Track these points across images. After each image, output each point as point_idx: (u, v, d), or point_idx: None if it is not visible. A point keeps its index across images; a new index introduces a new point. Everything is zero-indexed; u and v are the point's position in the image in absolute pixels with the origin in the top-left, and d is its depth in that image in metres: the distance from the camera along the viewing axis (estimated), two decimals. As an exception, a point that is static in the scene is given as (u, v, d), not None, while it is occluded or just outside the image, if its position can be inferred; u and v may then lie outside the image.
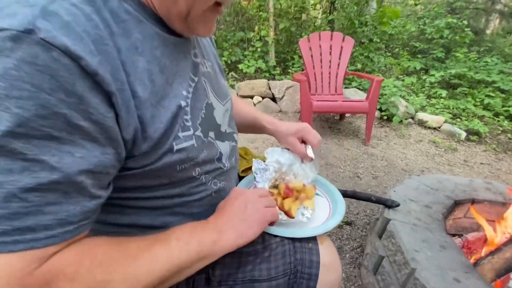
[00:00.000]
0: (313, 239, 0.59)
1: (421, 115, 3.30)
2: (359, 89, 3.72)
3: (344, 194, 0.71)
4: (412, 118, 3.39)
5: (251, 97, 3.52)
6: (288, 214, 0.60)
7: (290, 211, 0.60)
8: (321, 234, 0.59)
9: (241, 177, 0.75)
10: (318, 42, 2.97)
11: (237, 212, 0.50)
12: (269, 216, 0.53)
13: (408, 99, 3.70)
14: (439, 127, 3.17)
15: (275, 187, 0.69)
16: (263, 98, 3.53)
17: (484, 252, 1.09)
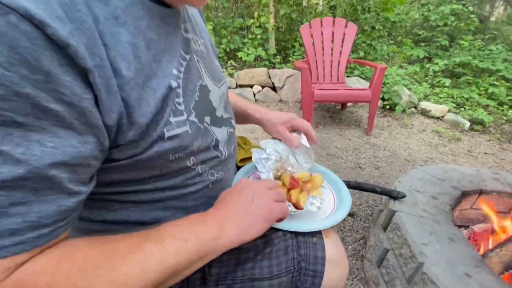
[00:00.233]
0: (317, 233, 0.54)
1: (424, 104, 3.23)
2: (361, 77, 3.64)
3: (348, 185, 0.67)
4: (415, 107, 3.32)
5: (251, 86, 3.44)
6: (296, 206, 0.56)
7: (298, 202, 0.56)
8: (328, 227, 0.54)
9: (239, 167, 0.71)
10: (320, 29, 2.87)
11: (242, 205, 0.44)
12: (277, 213, 0.46)
13: (411, 88, 3.62)
14: (443, 117, 3.12)
15: (277, 178, 0.64)
16: (263, 87, 3.45)
17: (492, 244, 1.06)
